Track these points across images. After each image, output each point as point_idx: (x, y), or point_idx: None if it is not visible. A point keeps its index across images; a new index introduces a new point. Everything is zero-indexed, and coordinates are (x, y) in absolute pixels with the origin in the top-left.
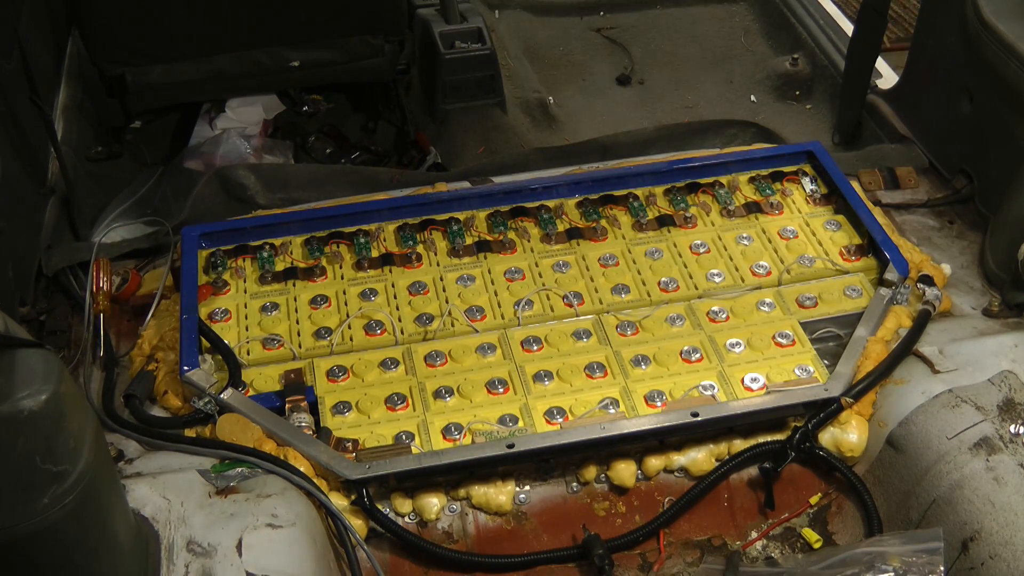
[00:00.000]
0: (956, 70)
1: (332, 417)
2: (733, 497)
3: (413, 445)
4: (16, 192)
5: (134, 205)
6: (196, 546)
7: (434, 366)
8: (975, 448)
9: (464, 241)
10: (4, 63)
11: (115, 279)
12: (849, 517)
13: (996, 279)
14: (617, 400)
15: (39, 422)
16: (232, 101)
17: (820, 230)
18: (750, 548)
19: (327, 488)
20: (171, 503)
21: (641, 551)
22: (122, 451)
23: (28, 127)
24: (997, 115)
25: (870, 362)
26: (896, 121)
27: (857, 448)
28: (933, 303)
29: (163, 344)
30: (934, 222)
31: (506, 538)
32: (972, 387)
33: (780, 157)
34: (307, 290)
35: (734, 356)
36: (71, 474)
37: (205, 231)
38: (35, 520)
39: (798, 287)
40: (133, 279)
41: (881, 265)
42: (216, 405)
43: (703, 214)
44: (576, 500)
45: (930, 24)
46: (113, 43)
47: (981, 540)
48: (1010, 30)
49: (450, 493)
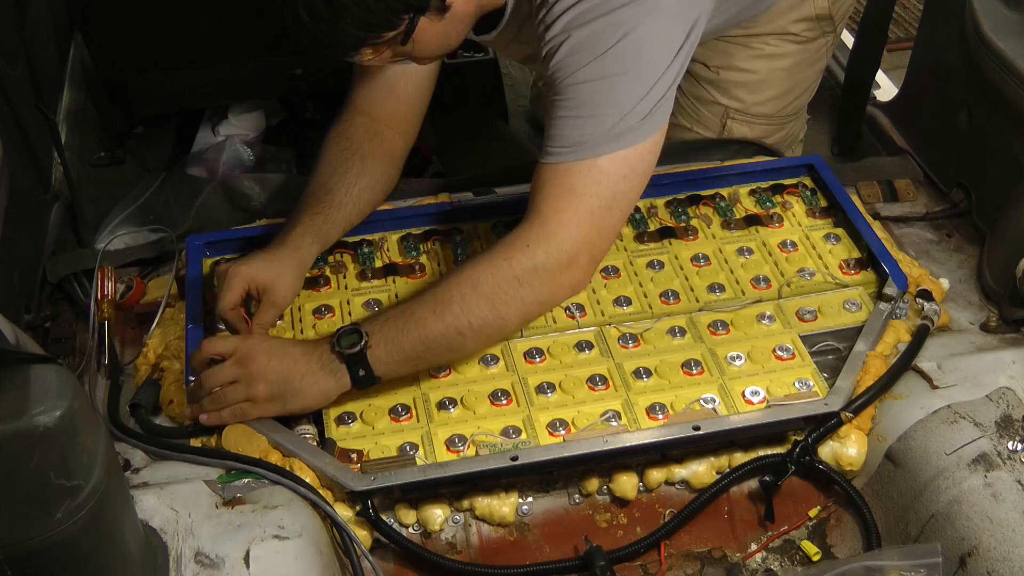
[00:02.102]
0: (955, 85)
1: (336, 428)
2: (733, 510)
3: (417, 456)
4: (21, 198)
5: (137, 211)
6: (204, 557)
7: (437, 377)
8: (973, 464)
9: (468, 252)
10: (10, 69)
11: (119, 286)
12: (848, 530)
13: (994, 294)
14: (619, 412)
15: (54, 438)
16: (234, 108)
17: (820, 243)
18: (750, 560)
19: (332, 499)
20: (179, 514)
21: (642, 562)
22: (128, 460)
23: (33, 133)
24: (995, 131)
25: (869, 377)
26: (894, 134)
27: (856, 462)
28: (932, 318)
29: (168, 353)
30: (932, 235)
31: (509, 549)
32: (970, 403)
33: (780, 170)
34: (311, 300)
35: (735, 369)
36: (84, 489)
37: (210, 240)
38: (48, 535)
39: (798, 300)
40: (138, 287)
41: (880, 279)
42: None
43: (704, 226)
44: (578, 511)
45: (929, 38)
46: (117, 50)
47: (979, 556)
48: (1009, 47)
49: (454, 504)
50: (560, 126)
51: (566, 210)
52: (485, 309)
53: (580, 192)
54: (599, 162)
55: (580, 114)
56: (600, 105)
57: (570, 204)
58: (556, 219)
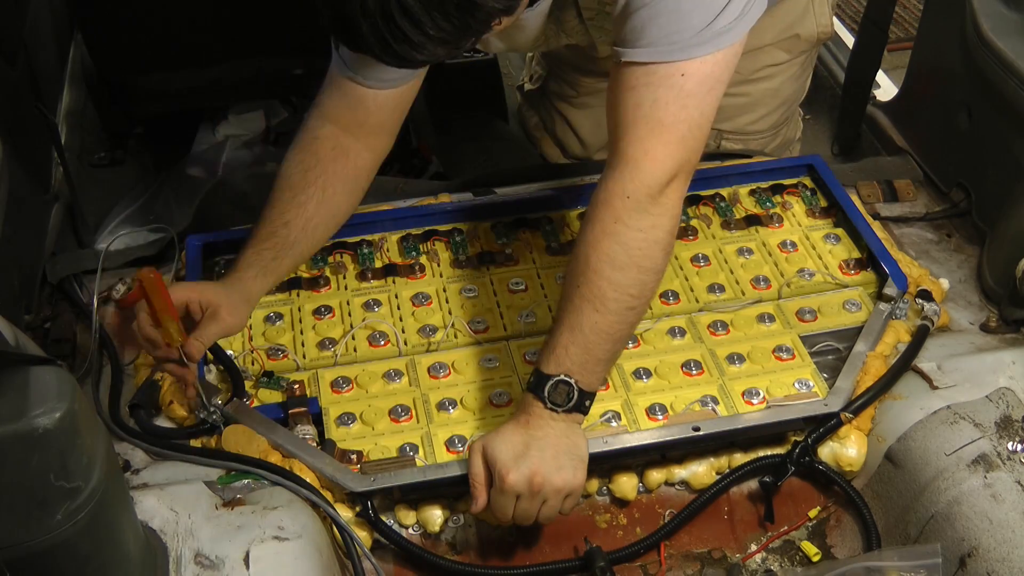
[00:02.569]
0: (955, 85)
1: (336, 428)
2: (733, 510)
3: (417, 457)
4: (21, 199)
5: (137, 211)
6: (204, 559)
7: (437, 377)
8: (973, 465)
9: (467, 252)
10: (10, 69)
11: (120, 288)
12: (848, 531)
13: (994, 294)
14: (619, 413)
15: (53, 439)
16: (234, 108)
17: (820, 243)
18: (749, 561)
19: (332, 500)
20: (178, 515)
21: (642, 563)
22: (128, 461)
23: (32, 133)
24: (995, 131)
25: (869, 377)
26: (894, 133)
27: (856, 463)
28: (931, 318)
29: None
30: (932, 235)
31: (509, 550)
32: (970, 404)
33: (780, 170)
34: (311, 300)
35: (735, 370)
36: (84, 490)
37: (209, 240)
38: (48, 536)
39: (798, 301)
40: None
41: (880, 279)
42: (222, 416)
43: (704, 226)
44: (578, 512)
45: (929, 38)
46: (116, 49)
47: (979, 556)
48: (1009, 47)
49: (454, 505)
50: (641, 19)
51: (656, 146)
52: (634, 273)
53: (668, 123)
54: (688, 69)
55: (666, 7)
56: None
57: (659, 138)
58: (647, 158)
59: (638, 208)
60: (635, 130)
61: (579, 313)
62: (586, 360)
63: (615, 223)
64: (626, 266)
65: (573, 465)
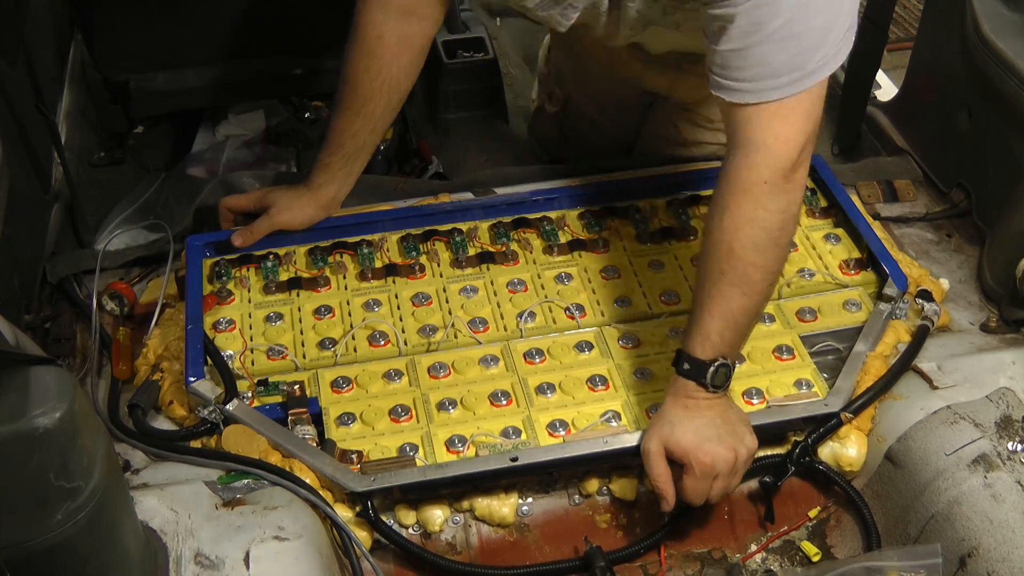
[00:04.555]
0: (955, 85)
1: (336, 428)
2: (733, 510)
3: (417, 457)
4: (21, 199)
5: (137, 211)
6: (204, 559)
7: (437, 377)
8: (973, 465)
9: (467, 252)
10: (10, 69)
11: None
12: (848, 531)
13: (994, 294)
14: (619, 413)
15: (54, 439)
16: (234, 108)
17: (820, 243)
18: (750, 561)
19: (332, 500)
20: (178, 515)
21: (642, 563)
22: (128, 461)
23: (33, 133)
24: (996, 131)
25: (869, 377)
26: (894, 134)
27: (856, 463)
28: (931, 318)
29: (168, 354)
30: (932, 235)
31: (509, 550)
32: (970, 404)
33: None
34: (311, 300)
35: (735, 370)
36: (84, 491)
37: (209, 240)
38: (48, 536)
39: (798, 301)
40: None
41: (880, 279)
42: (221, 416)
43: (703, 226)
44: (578, 512)
45: (929, 38)
46: (116, 50)
47: (979, 556)
48: (1009, 47)
49: (453, 505)
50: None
51: (783, 128)
52: (776, 252)
53: (790, 103)
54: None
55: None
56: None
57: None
58: (779, 142)
59: (775, 191)
60: (759, 116)
61: (728, 300)
62: (737, 341)
63: (756, 209)
64: (768, 247)
65: (749, 430)
